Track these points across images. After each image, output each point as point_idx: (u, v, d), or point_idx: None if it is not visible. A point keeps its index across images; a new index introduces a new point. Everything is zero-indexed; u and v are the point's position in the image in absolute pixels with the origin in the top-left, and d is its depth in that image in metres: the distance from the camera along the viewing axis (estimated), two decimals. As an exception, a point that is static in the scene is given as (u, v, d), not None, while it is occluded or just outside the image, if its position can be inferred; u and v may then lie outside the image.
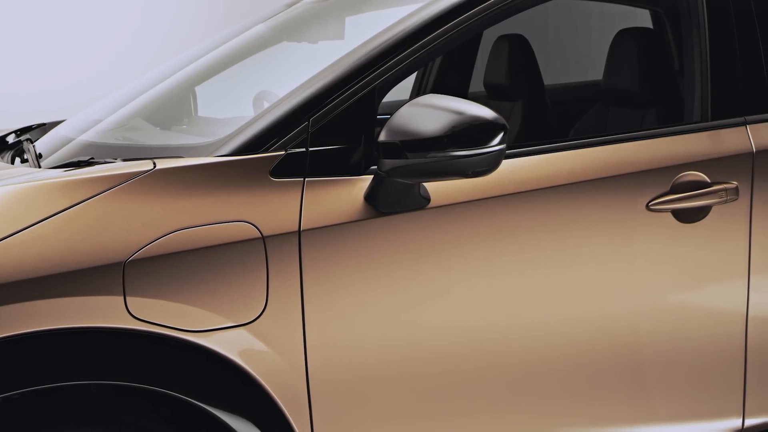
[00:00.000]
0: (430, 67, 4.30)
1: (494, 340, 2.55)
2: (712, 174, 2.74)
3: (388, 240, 2.43)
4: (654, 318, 2.71)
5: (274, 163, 2.37)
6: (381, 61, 2.51)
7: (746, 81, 2.86)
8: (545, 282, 2.58)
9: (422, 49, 2.55)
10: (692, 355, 2.78)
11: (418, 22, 2.58)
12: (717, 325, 2.80)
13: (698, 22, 2.87)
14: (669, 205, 2.69)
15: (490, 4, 2.63)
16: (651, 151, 2.73)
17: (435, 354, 2.49)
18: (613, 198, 2.65)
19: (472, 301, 2.51)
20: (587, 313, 2.63)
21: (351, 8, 3.48)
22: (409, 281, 2.45)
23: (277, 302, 2.32)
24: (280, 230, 2.33)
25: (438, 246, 2.47)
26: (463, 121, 2.31)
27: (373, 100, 2.48)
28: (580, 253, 2.61)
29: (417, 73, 4.35)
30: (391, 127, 2.36)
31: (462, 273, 2.50)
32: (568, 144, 2.67)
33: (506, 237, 2.54)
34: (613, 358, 2.69)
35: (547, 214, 2.58)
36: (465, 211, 2.50)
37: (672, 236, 2.71)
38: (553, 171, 2.61)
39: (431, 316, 2.48)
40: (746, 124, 2.83)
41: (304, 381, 2.36)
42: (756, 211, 2.79)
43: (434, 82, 4.29)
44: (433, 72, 4.29)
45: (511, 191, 2.55)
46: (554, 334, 2.60)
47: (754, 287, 2.80)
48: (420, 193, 2.44)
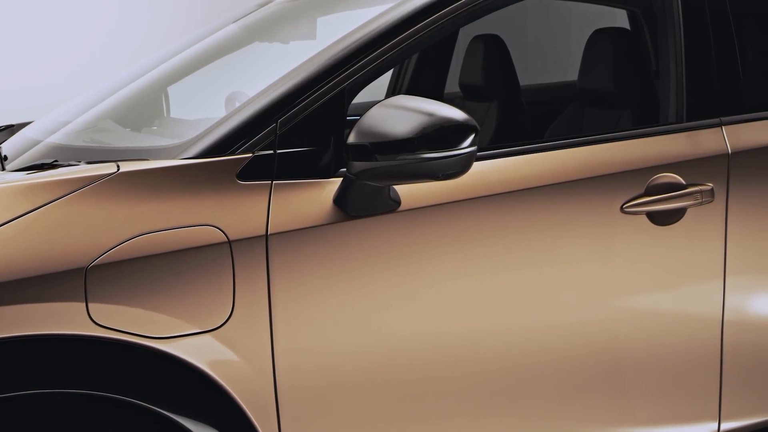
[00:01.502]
0: (406, 67, 4.26)
1: (468, 345, 2.51)
2: (688, 176, 2.71)
3: (358, 244, 2.39)
4: (630, 321, 2.68)
5: (241, 166, 2.33)
6: (350, 61, 2.46)
7: (722, 82, 2.83)
8: (519, 286, 2.54)
9: (393, 50, 2.51)
10: (669, 359, 2.75)
11: (389, 22, 2.54)
12: (693, 328, 2.76)
13: (673, 22, 2.84)
14: (644, 208, 2.66)
15: (461, 4, 2.59)
16: (625, 152, 2.70)
17: (406, 360, 2.44)
18: (587, 200, 2.61)
19: (445, 306, 2.47)
20: (562, 317, 2.60)
21: (323, 8, 3.43)
22: (379, 286, 2.41)
23: (243, 308, 2.28)
24: (247, 234, 2.29)
25: (409, 250, 2.43)
26: (433, 123, 2.27)
27: (342, 102, 2.44)
28: (553, 257, 2.57)
29: (392, 74, 4.31)
30: (360, 129, 2.31)
31: (434, 277, 2.46)
32: (542, 146, 2.63)
33: (479, 240, 2.50)
34: (589, 362, 2.65)
35: (519, 217, 2.54)
36: (436, 214, 2.46)
37: (647, 239, 2.67)
38: (526, 173, 2.57)
39: (402, 321, 2.44)
40: (722, 125, 2.80)
41: (272, 388, 2.32)
42: (732, 213, 2.75)
43: (410, 82, 4.25)
44: (409, 72, 4.25)
45: (483, 194, 2.51)
46: (529, 338, 2.57)
47: (730, 290, 2.77)
48: (390, 196, 2.40)
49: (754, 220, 2.79)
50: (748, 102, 2.87)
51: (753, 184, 2.79)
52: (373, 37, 2.51)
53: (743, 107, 2.85)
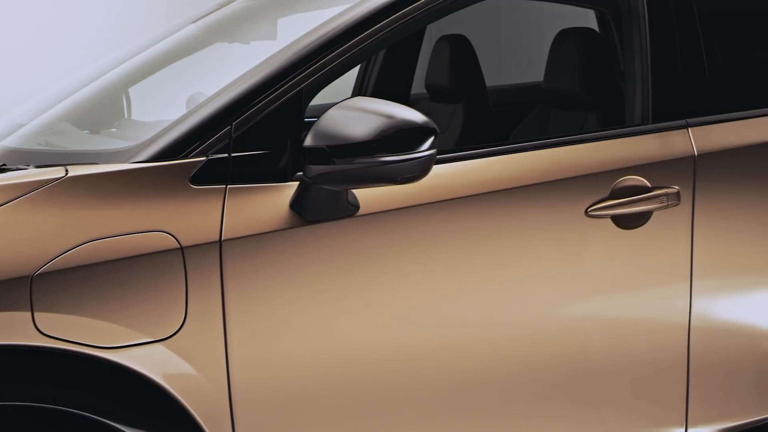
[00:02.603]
0: (372, 68, 4.20)
1: (430, 353, 2.45)
2: (653, 178, 2.66)
3: (315, 249, 2.33)
4: (595, 327, 2.63)
5: (194, 170, 2.26)
6: (308, 62, 2.41)
7: (688, 82, 2.79)
8: (480, 292, 2.49)
9: (351, 50, 2.45)
10: (635, 364, 2.70)
11: (347, 22, 2.48)
12: (660, 333, 2.72)
13: (639, 22, 2.80)
14: (608, 211, 2.61)
15: (420, 4, 2.53)
16: (590, 155, 2.65)
17: (366, 368, 2.39)
18: (550, 204, 2.56)
19: (404, 313, 2.41)
20: (526, 324, 2.55)
21: (284, 8, 3.37)
22: (337, 292, 2.35)
23: (196, 316, 2.21)
24: (200, 240, 2.22)
25: (368, 255, 2.37)
26: (392, 125, 2.22)
27: (299, 103, 2.38)
28: (516, 262, 2.52)
29: (358, 75, 4.25)
30: (317, 131, 2.26)
31: (394, 284, 2.40)
32: (505, 148, 2.58)
33: (440, 245, 2.45)
34: (554, 368, 2.60)
35: (481, 222, 2.48)
36: (396, 219, 2.40)
37: (612, 243, 2.62)
38: (489, 176, 2.52)
39: (361, 328, 2.38)
40: (688, 126, 2.75)
41: (227, 398, 2.25)
42: (698, 216, 2.71)
43: (375, 83, 4.19)
44: (374, 73, 4.19)
45: (444, 197, 2.45)
46: (492, 345, 2.51)
47: (697, 294, 2.73)
48: (348, 201, 2.34)
49: (721, 223, 2.75)
50: (715, 103, 2.83)
51: (719, 187, 2.75)
52: (332, 38, 2.45)
53: (710, 108, 2.81)
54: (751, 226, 2.79)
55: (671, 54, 2.78)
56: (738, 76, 3.04)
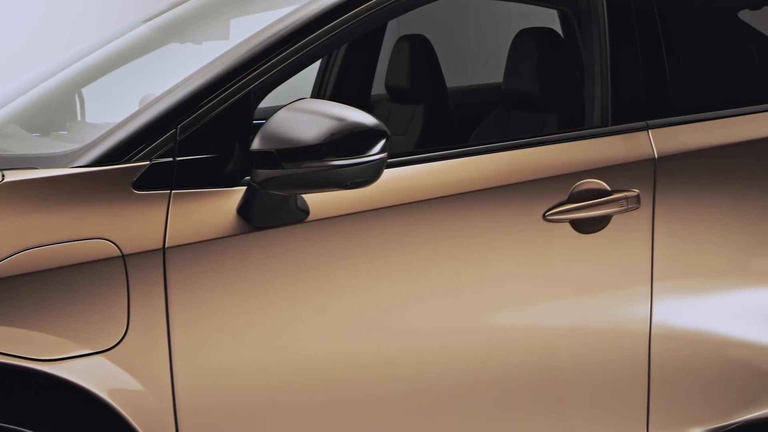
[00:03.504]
0: (331, 68, 4.13)
1: (383, 363, 2.38)
2: (613, 181, 2.61)
3: (264, 256, 2.25)
4: (554, 334, 2.57)
5: (137, 175, 2.19)
6: (257, 63, 2.33)
7: (648, 84, 2.73)
8: (436, 299, 2.42)
9: (301, 51, 2.38)
10: (595, 371, 2.64)
11: (297, 22, 2.41)
12: (620, 339, 2.66)
13: (598, 22, 2.74)
14: (567, 215, 2.55)
15: (372, 4, 2.46)
16: (548, 157, 2.59)
17: (316, 379, 2.31)
18: (507, 208, 2.50)
19: (357, 321, 2.34)
20: (481, 331, 2.48)
21: (237, 8, 3.30)
22: (286, 301, 2.27)
23: (139, 326, 2.14)
24: (143, 248, 2.15)
25: (318, 262, 2.30)
26: (342, 128, 2.15)
27: (248, 105, 2.31)
28: (472, 268, 2.46)
29: (317, 75, 4.17)
30: (265, 134, 2.18)
31: (345, 291, 2.33)
32: (460, 151, 2.52)
33: (393, 251, 2.38)
34: (512, 377, 2.54)
35: (436, 227, 2.42)
36: (347, 224, 2.33)
37: (570, 247, 2.56)
38: (444, 180, 2.45)
39: (311, 338, 2.31)
40: (648, 128, 2.70)
41: (171, 411, 2.18)
42: (658, 219, 2.65)
43: (335, 84, 4.12)
44: (334, 73, 4.12)
45: (398, 202, 2.38)
46: (447, 354, 2.45)
47: (658, 300, 2.67)
48: (297, 206, 2.27)
49: (682, 227, 2.69)
50: (676, 104, 2.77)
51: (680, 190, 2.69)
52: (281, 38, 2.38)
53: (670, 110, 2.75)
54: (712, 229, 2.74)
55: (631, 55, 2.72)
56: (699, 77, 3.00)
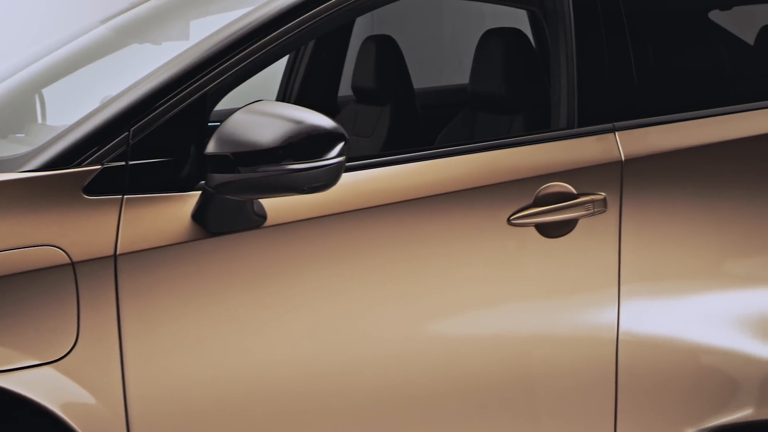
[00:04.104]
0: (297, 69, 4.07)
1: (343, 371, 2.32)
2: (579, 184, 2.56)
3: (219, 263, 2.19)
4: (519, 340, 2.52)
5: (87, 179, 2.12)
6: (213, 64, 2.28)
7: (615, 85, 2.69)
8: (398, 306, 2.37)
9: (259, 51, 2.32)
10: (561, 378, 2.59)
11: (255, 22, 2.35)
12: (587, 345, 2.61)
13: (564, 22, 2.69)
14: (532, 219, 2.50)
15: (332, 4, 2.40)
16: (512, 160, 2.54)
17: (274, 388, 2.25)
18: (471, 212, 2.45)
19: (317, 329, 2.29)
20: (444, 338, 2.43)
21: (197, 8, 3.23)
22: (243, 308, 2.21)
23: (89, 336, 2.07)
24: (93, 255, 2.08)
25: (276, 269, 2.24)
26: (300, 131, 2.10)
27: (203, 108, 2.25)
28: (435, 274, 2.40)
29: (283, 76, 4.11)
30: (220, 137, 2.12)
31: (304, 298, 2.27)
32: (423, 154, 2.46)
33: (354, 257, 2.32)
34: (476, 384, 2.48)
35: (398, 231, 2.36)
36: (306, 230, 2.27)
37: (536, 252, 2.51)
38: (406, 183, 2.40)
39: (269, 346, 2.25)
40: (615, 130, 2.65)
41: (124, 423, 2.11)
42: (625, 223, 2.61)
43: (301, 85, 4.06)
44: (300, 74, 4.06)
45: (359, 206, 2.33)
46: (410, 362, 2.39)
47: (625, 304, 2.62)
48: (254, 211, 2.21)
49: (649, 231, 2.64)
50: (643, 106, 2.73)
51: (647, 193, 2.64)
52: (239, 38, 2.32)
53: (638, 112, 2.71)
54: (680, 232, 2.70)
55: (597, 55, 2.68)
56: (667, 78, 2.95)
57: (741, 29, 3.60)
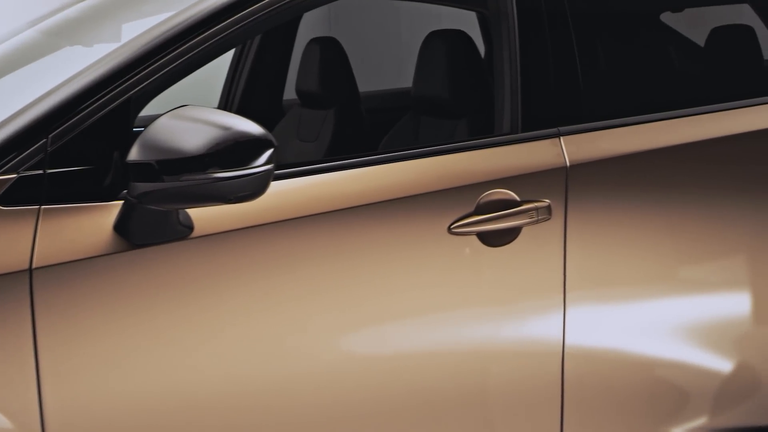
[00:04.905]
0: (240, 73, 3.96)
1: (274, 388, 2.22)
2: (522, 191, 2.47)
3: (143, 276, 2.09)
4: (460, 353, 2.43)
5: (2, 189, 2.01)
6: (137, 67, 2.17)
7: (560, 89, 2.61)
8: (333, 319, 2.27)
9: (188, 54, 2.22)
10: (505, 392, 2.50)
11: (183, 24, 2.24)
12: (531, 357, 2.52)
13: (507, 23, 2.61)
14: (473, 227, 2.41)
15: (266, 4, 2.31)
16: (453, 167, 2.45)
17: (202, 406, 2.15)
18: (410, 221, 2.35)
19: (246, 344, 2.19)
20: (382, 352, 2.34)
21: (131, 9, 3.12)
22: (169, 324, 2.11)
23: (3, 356, 1.96)
24: (7, 269, 1.98)
25: (203, 282, 2.14)
26: (227, 138, 2.00)
27: (127, 113, 2.14)
28: (373, 285, 2.31)
29: (226, 79, 4.01)
30: (144, 143, 2.02)
31: (233, 313, 2.17)
32: (361, 161, 2.37)
33: (287, 268, 2.22)
34: (414, 400, 2.39)
35: (332, 242, 2.27)
36: (236, 240, 2.17)
37: (478, 262, 2.43)
38: (343, 191, 2.30)
39: (198, 363, 2.14)
40: (560, 135, 2.57)
41: None
42: (570, 231, 2.53)
43: (244, 89, 3.95)
44: (243, 78, 3.96)
45: (291, 216, 2.23)
46: (345, 377, 2.30)
47: (571, 315, 2.54)
48: (180, 221, 2.11)
49: (595, 239, 2.57)
50: (589, 110, 2.65)
51: (593, 200, 2.57)
52: (165, 40, 2.22)
53: (583, 116, 2.63)
54: (628, 240, 2.62)
55: (542, 59, 2.60)
56: (615, 82, 2.88)
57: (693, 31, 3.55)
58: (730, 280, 2.79)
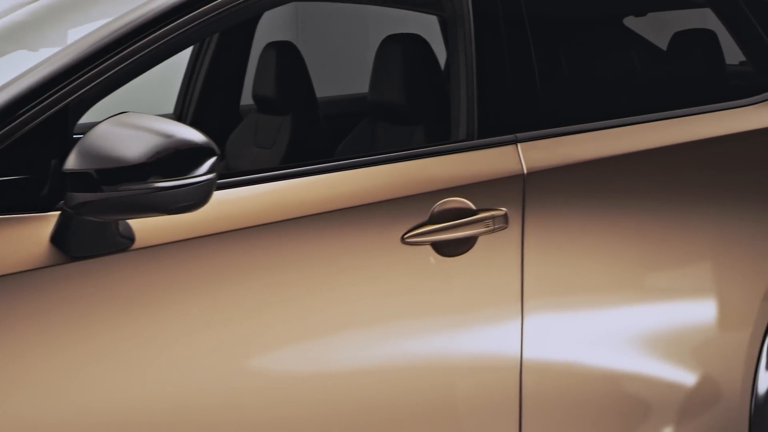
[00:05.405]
0: (196, 77, 3.88)
1: (219, 405, 2.14)
2: (478, 200, 2.41)
3: (82, 290, 2.00)
4: (414, 367, 2.36)
5: None
6: (76, 72, 2.08)
7: (517, 95, 2.54)
8: (280, 333, 2.20)
9: (131, 58, 2.13)
10: (459, 407, 2.43)
11: (127, 26, 2.16)
12: (487, 371, 2.46)
13: (464, 27, 2.54)
14: (427, 237, 2.34)
15: (216, 6, 2.23)
16: (407, 174, 2.38)
17: (144, 426, 2.07)
18: (362, 230, 2.28)
19: (191, 360, 2.10)
20: (332, 367, 2.26)
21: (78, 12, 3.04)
22: (109, 339, 2.03)
23: None
24: None
25: (144, 296, 2.06)
26: (168, 146, 1.92)
27: (65, 121, 2.06)
28: (322, 298, 2.23)
29: (182, 84, 3.92)
30: (82, 151, 1.94)
31: (176, 328, 2.09)
32: (312, 168, 2.29)
33: (231, 281, 2.14)
34: (365, 416, 2.31)
35: (281, 253, 2.19)
36: (179, 252, 2.09)
37: (432, 272, 2.36)
38: (293, 200, 2.23)
39: (139, 380, 2.06)
40: (517, 142, 2.51)
41: None
42: (528, 240, 2.46)
43: (200, 94, 3.87)
44: (200, 83, 3.88)
45: (237, 226, 2.15)
46: (293, 394, 2.22)
47: (529, 326, 2.48)
48: (120, 232, 2.03)
49: (553, 248, 2.51)
50: (548, 116, 2.59)
51: (551, 208, 2.50)
52: (107, 44, 2.13)
53: (541, 122, 2.57)
54: (587, 248, 2.56)
55: (499, 64, 2.53)
56: (574, 87, 2.83)
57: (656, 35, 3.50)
58: (691, 288, 2.74)
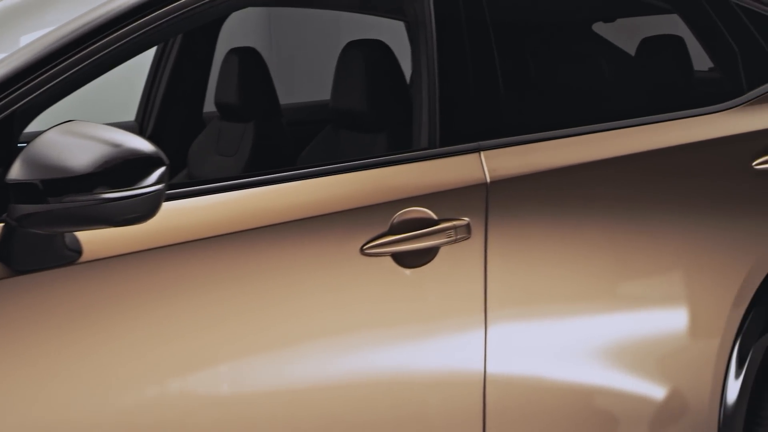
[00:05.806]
0: (158, 84, 3.81)
1: (174, 421, 2.08)
2: (440, 209, 2.35)
3: (26, 305, 1.93)
4: (373, 383, 2.29)
5: None
6: (23, 78, 2.01)
7: (480, 102, 2.49)
8: (239, 345, 2.13)
9: (80, 63, 2.06)
10: (421, 422, 2.37)
11: (77, 31, 2.10)
12: (450, 384, 2.40)
13: (426, 32, 2.48)
14: (387, 248, 2.28)
15: (173, 8, 2.16)
16: (366, 184, 2.32)
17: None
18: (319, 241, 2.22)
19: (140, 376, 2.04)
20: (289, 383, 2.19)
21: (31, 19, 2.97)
22: (54, 357, 1.96)
23: None
24: None
25: (92, 310, 1.99)
26: (116, 156, 1.85)
27: (11, 129, 1.99)
28: (278, 312, 2.17)
29: (144, 91, 3.85)
30: (27, 161, 1.87)
31: (125, 344, 2.02)
32: (266, 178, 2.23)
33: (183, 295, 2.08)
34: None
35: (236, 265, 2.13)
36: (129, 265, 2.02)
37: (392, 284, 2.30)
38: (248, 210, 2.17)
39: (86, 399, 1.99)
40: (480, 150, 2.45)
41: None
42: (491, 250, 2.41)
43: (162, 100, 3.80)
44: (161, 89, 3.81)
45: (190, 238, 2.09)
46: (248, 411, 2.15)
47: (492, 338, 2.42)
48: (66, 245, 1.96)
49: (518, 259, 2.45)
50: (511, 125, 2.54)
51: (515, 217, 2.45)
52: (55, 49, 2.06)
53: (505, 131, 2.51)
54: (552, 259, 2.51)
55: (461, 70, 2.48)
56: (540, 95, 2.77)
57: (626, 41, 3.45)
58: (659, 297, 2.69)
